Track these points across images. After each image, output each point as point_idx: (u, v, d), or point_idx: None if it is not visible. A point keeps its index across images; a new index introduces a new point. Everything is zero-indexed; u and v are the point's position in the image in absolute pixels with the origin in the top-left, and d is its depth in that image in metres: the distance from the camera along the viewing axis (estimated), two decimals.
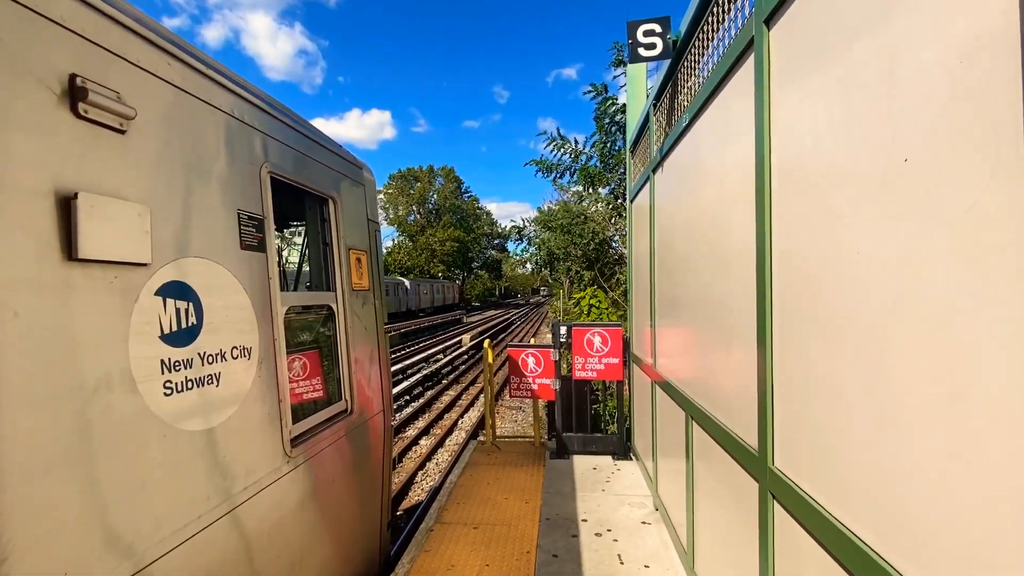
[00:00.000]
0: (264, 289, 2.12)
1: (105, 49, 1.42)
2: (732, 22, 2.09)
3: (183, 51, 1.76)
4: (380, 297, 3.50)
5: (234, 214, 1.97)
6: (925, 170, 1.01)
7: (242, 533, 1.92)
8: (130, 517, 1.44)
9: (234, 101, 2.04)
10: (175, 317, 1.63)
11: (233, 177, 1.99)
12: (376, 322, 3.39)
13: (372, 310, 3.34)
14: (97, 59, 1.40)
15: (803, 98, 1.49)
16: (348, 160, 3.17)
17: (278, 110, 2.40)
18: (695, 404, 2.67)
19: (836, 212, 1.32)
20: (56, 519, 1.24)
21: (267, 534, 2.09)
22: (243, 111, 2.09)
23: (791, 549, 1.62)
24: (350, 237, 3.05)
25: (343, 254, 2.96)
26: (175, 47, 1.71)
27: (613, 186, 10.82)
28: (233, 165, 2.00)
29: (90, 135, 1.38)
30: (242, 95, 2.10)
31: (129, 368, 1.45)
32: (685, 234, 2.90)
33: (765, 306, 1.73)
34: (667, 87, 3.33)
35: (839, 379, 1.32)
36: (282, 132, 2.40)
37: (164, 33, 1.70)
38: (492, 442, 5.58)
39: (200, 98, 1.83)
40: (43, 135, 1.26)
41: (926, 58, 1.00)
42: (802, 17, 1.49)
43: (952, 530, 0.95)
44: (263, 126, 2.23)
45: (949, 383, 0.95)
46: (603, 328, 5.12)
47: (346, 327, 2.93)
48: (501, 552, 3.33)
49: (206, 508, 1.73)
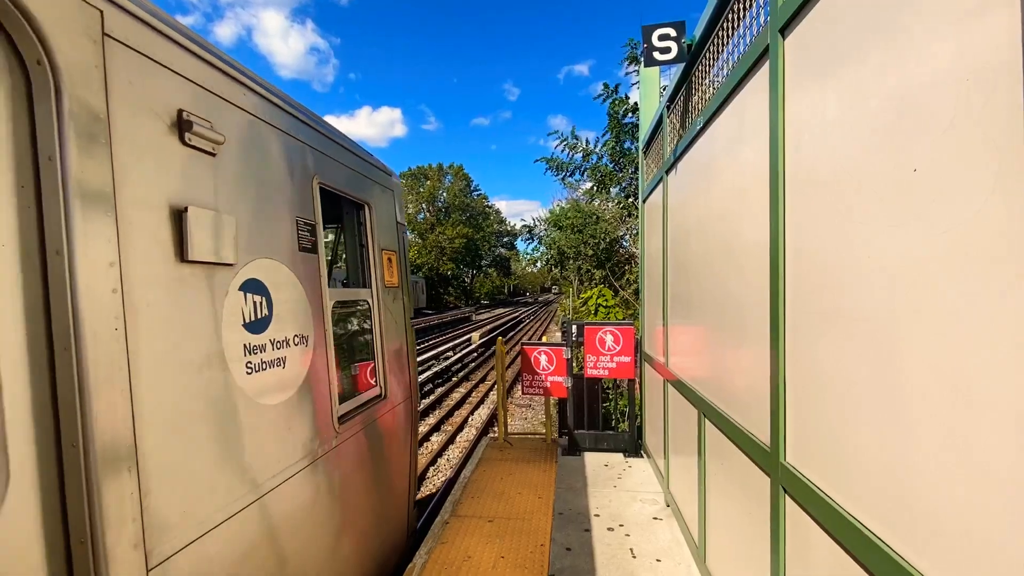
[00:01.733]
0: (316, 286, 2.41)
1: (200, 86, 1.74)
2: (747, 29, 2.14)
3: (253, 81, 2.06)
4: (408, 293, 3.76)
5: (293, 221, 2.28)
6: (933, 178, 1.07)
7: (302, 496, 2.22)
8: (239, 463, 1.83)
9: (291, 122, 2.32)
10: (253, 309, 1.94)
11: (292, 189, 2.30)
12: (404, 316, 3.65)
13: (401, 305, 3.61)
14: (195, 95, 1.71)
15: (817, 105, 1.55)
16: (380, 168, 3.45)
17: (324, 127, 2.69)
18: (708, 402, 2.72)
19: (848, 215, 1.38)
20: (186, 458, 1.59)
21: (321, 499, 2.39)
22: (298, 130, 2.38)
23: (802, 541, 1.68)
24: (382, 239, 3.34)
25: (377, 254, 3.24)
26: (247, 78, 2.02)
27: (624, 185, 10.84)
28: (292, 178, 2.30)
29: (192, 159, 1.68)
30: (297, 116, 2.38)
31: (222, 350, 1.76)
32: (699, 234, 2.95)
33: (778, 305, 1.79)
34: (681, 90, 3.38)
35: (850, 376, 1.38)
36: (328, 147, 2.69)
37: (238, 66, 2.00)
38: (504, 438, 5.67)
39: (266, 121, 2.13)
40: (162, 160, 1.55)
41: (936, 73, 1.06)
42: (816, 28, 1.55)
43: (959, 521, 1.01)
44: (314, 142, 2.52)
45: (955, 381, 1.01)
46: (615, 327, 5.17)
47: (380, 320, 3.20)
48: (516, 544, 3.42)
49: (278, 470, 2.04)
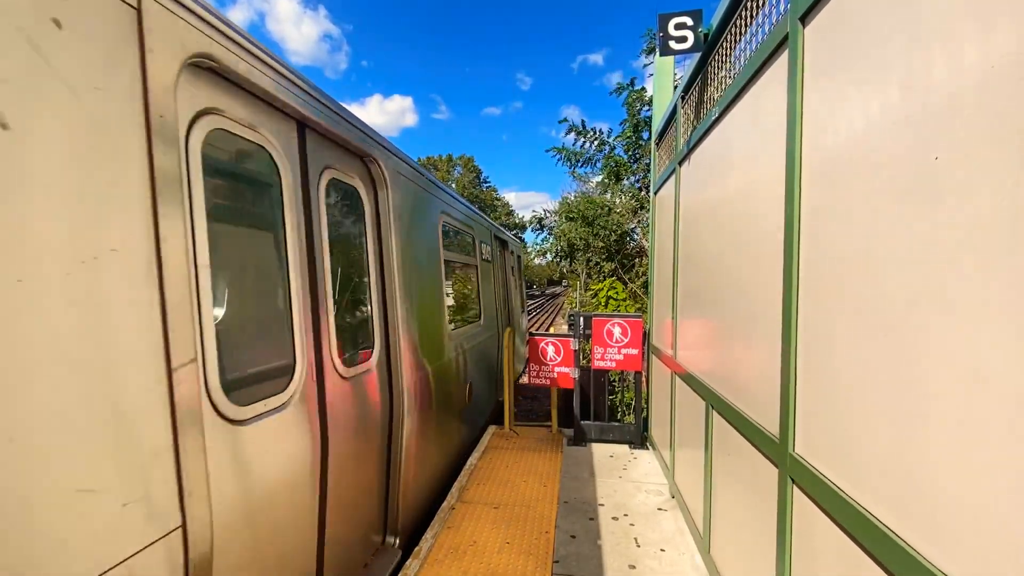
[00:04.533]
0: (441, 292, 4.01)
1: (398, 172, 3.11)
2: (766, 18, 2.11)
3: (408, 158, 3.39)
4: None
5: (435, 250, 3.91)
6: (955, 169, 1.06)
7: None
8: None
9: (424, 182, 3.71)
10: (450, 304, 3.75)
11: (430, 226, 3.74)
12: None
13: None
14: (390, 166, 3.02)
15: (836, 94, 1.53)
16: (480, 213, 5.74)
17: (441, 184, 4.25)
18: (716, 393, 2.72)
19: (866, 206, 1.37)
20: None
21: None
22: (428, 186, 3.84)
23: (809, 530, 1.68)
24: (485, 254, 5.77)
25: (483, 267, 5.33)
26: (406, 158, 3.34)
27: (638, 177, 10.77)
28: (428, 218, 3.71)
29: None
30: (425, 176, 3.76)
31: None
32: (712, 225, 2.94)
33: (791, 297, 1.78)
34: (696, 80, 3.35)
35: (864, 367, 1.38)
36: (446, 196, 4.35)
37: (394, 149, 3.14)
38: (510, 428, 5.71)
39: (413, 181, 3.45)
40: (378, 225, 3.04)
41: (960, 61, 1.04)
42: (838, 15, 1.53)
43: (974, 511, 1.01)
44: (438, 194, 4.06)
45: (972, 371, 1.01)
46: (623, 319, 5.17)
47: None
48: (521, 531, 3.45)
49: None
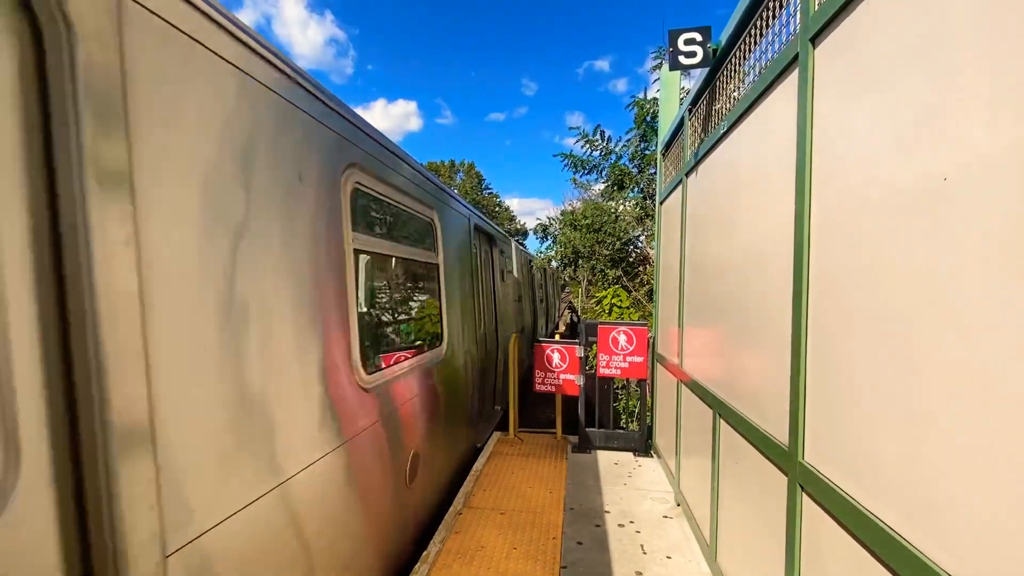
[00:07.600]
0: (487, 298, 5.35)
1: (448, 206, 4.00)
2: (776, 36, 2.17)
3: (451, 192, 4.20)
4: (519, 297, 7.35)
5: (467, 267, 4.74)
6: (963, 188, 1.11)
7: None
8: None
9: (460, 207, 4.57)
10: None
11: (465, 246, 4.66)
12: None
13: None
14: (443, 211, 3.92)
15: (846, 113, 1.59)
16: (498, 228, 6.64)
17: (474, 209, 5.24)
18: (724, 402, 2.76)
19: (875, 220, 1.42)
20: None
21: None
22: (468, 214, 4.86)
23: (818, 537, 1.72)
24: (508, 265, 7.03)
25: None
26: (447, 190, 4.08)
27: (642, 186, 10.86)
28: (464, 239, 4.62)
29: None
30: (460, 200, 4.60)
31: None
32: (720, 236, 2.99)
33: (801, 307, 1.83)
34: (704, 94, 3.41)
35: (874, 376, 1.42)
36: (479, 220, 5.40)
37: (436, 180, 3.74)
38: (515, 434, 5.74)
39: (456, 210, 4.35)
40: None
41: (971, 85, 1.10)
42: (849, 37, 1.59)
43: (985, 517, 1.06)
44: (473, 218, 5.09)
45: (981, 381, 1.06)
46: (628, 327, 5.22)
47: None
48: (528, 537, 3.48)
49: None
